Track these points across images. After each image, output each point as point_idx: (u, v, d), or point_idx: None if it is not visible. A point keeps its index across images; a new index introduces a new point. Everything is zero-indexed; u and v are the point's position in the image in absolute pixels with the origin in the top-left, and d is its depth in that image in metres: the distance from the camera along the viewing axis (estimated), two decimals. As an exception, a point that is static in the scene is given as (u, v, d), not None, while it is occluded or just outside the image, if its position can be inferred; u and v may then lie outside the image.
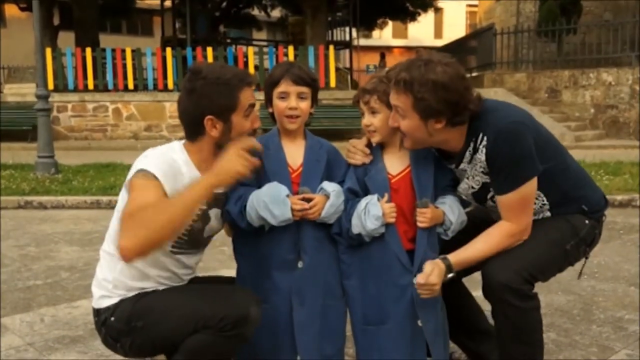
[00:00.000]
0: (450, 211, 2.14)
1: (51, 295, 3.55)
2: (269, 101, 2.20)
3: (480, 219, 2.24)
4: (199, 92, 1.98)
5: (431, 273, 2.01)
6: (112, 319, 1.99)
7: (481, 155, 2.06)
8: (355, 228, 2.09)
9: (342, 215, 2.14)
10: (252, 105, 2.05)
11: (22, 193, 6.65)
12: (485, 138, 2.03)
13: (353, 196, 2.16)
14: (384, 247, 2.13)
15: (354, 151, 2.21)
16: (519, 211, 2.07)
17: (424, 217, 2.10)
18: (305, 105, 2.16)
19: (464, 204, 2.24)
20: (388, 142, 2.20)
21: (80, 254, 4.50)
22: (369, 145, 2.22)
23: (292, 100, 2.13)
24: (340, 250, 2.21)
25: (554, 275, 2.22)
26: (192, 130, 2.03)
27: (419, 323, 2.11)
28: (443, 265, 2.05)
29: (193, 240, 2.08)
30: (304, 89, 2.15)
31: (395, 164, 2.19)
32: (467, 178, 2.17)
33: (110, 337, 2.02)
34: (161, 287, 2.06)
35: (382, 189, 2.14)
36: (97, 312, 2.05)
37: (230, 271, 2.28)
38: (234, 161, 1.83)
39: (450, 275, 2.07)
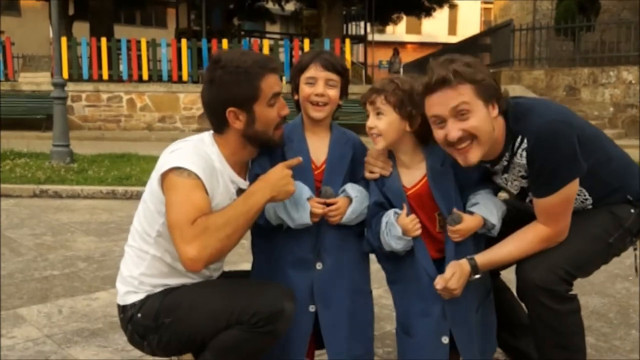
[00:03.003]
0: (489, 212, 1.98)
1: (68, 286, 3.47)
2: (295, 88, 2.07)
3: (519, 209, 2.12)
4: (218, 83, 1.87)
5: (451, 277, 1.91)
6: (139, 315, 1.90)
7: (520, 160, 1.93)
8: (385, 247, 2.00)
9: (369, 235, 2.04)
10: (277, 94, 1.92)
11: (37, 181, 6.58)
12: (525, 141, 1.90)
13: (381, 209, 2.03)
14: (414, 262, 2.02)
15: (374, 163, 2.07)
16: (557, 215, 1.95)
17: (456, 234, 1.96)
18: (333, 93, 2.02)
19: (495, 191, 2.11)
20: (397, 151, 2.05)
21: (96, 244, 4.42)
22: (388, 155, 2.09)
23: (319, 86, 2.00)
24: (381, 259, 2.12)
25: (598, 269, 2.10)
26: (217, 122, 1.94)
27: (443, 340, 1.99)
28: (468, 266, 1.95)
29: None
30: (334, 76, 2.02)
31: (410, 175, 2.05)
32: (506, 183, 2.05)
33: (137, 335, 1.93)
34: (189, 282, 1.96)
35: (400, 197, 2.02)
36: (123, 309, 1.95)
37: (250, 265, 2.19)
38: (288, 180, 1.86)
39: (476, 276, 1.96)
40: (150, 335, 1.89)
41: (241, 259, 3.76)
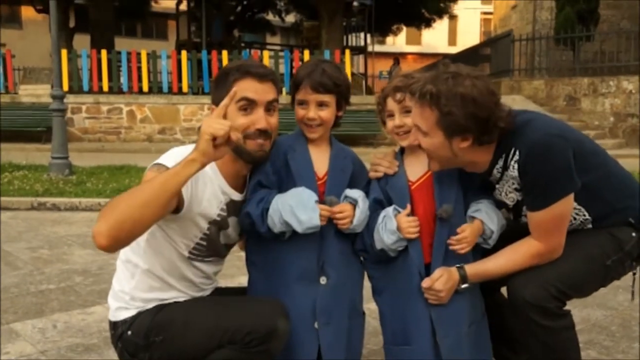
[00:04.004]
0: (489, 219, 1.96)
1: (64, 301, 3.43)
2: (293, 102, 2.04)
3: (514, 229, 2.06)
4: (213, 82, 1.99)
5: (438, 279, 1.89)
6: (130, 332, 1.86)
7: (513, 172, 1.90)
8: (378, 243, 1.96)
9: (364, 231, 1.99)
10: (248, 100, 1.86)
11: (35, 194, 6.56)
12: (517, 152, 1.87)
13: (379, 207, 2.01)
14: (406, 262, 1.98)
15: (379, 162, 2.06)
16: (550, 231, 1.91)
17: (460, 244, 1.93)
18: (326, 114, 1.98)
19: (498, 206, 2.07)
20: (413, 145, 2.03)
21: (94, 258, 4.39)
22: (395, 157, 2.09)
23: (310, 110, 1.96)
24: (369, 267, 2.08)
25: (595, 291, 2.06)
26: None
27: (439, 341, 1.95)
28: (457, 274, 1.93)
29: (211, 245, 1.95)
30: (325, 97, 1.96)
31: (416, 168, 2.03)
32: (500, 194, 2.02)
33: (127, 352, 1.88)
34: (181, 299, 1.93)
35: (402, 196, 1.99)
36: (114, 325, 1.91)
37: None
38: (207, 125, 1.67)
39: (464, 285, 1.94)
40: (140, 353, 1.85)
41: (239, 272, 3.72)
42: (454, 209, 1.95)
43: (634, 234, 1.99)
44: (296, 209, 1.85)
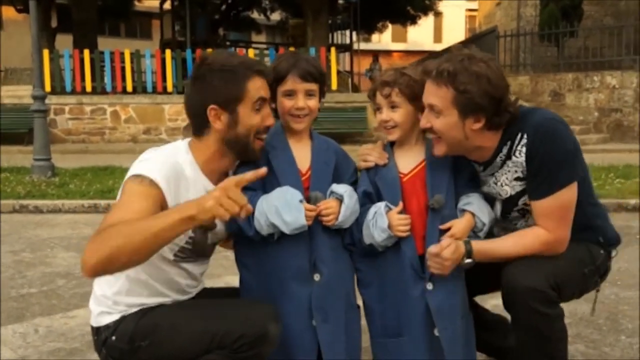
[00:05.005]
0: (480, 211, 1.97)
1: (46, 304, 3.37)
2: (273, 96, 2.00)
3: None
4: (203, 80, 1.83)
5: (446, 247, 1.87)
6: (114, 338, 1.80)
7: (518, 157, 1.92)
8: (366, 238, 1.94)
9: (353, 225, 1.98)
10: (263, 99, 1.85)
11: (17, 196, 6.46)
12: (525, 136, 1.90)
13: (368, 201, 2.00)
14: (398, 255, 1.96)
15: (369, 152, 2.05)
16: (556, 219, 1.93)
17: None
18: (313, 103, 1.97)
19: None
20: (402, 139, 2.04)
21: (77, 260, 4.32)
22: (384, 149, 2.08)
23: (299, 100, 1.94)
24: (356, 259, 2.06)
25: (568, 299, 2.06)
26: (197, 123, 1.86)
27: (436, 332, 1.94)
28: (463, 248, 1.91)
29: (197, 248, 1.90)
30: (313, 86, 1.96)
31: (408, 161, 2.03)
32: (496, 184, 2.02)
33: (112, 358, 1.83)
34: (167, 301, 1.88)
35: (393, 189, 1.98)
36: (97, 331, 1.86)
37: (235, 278, 2.09)
38: (218, 200, 1.50)
39: (467, 260, 1.93)
40: (126, 358, 1.80)
41: (226, 272, 3.68)
42: (445, 200, 1.95)
43: (602, 252, 2.07)
44: (281, 209, 1.82)
